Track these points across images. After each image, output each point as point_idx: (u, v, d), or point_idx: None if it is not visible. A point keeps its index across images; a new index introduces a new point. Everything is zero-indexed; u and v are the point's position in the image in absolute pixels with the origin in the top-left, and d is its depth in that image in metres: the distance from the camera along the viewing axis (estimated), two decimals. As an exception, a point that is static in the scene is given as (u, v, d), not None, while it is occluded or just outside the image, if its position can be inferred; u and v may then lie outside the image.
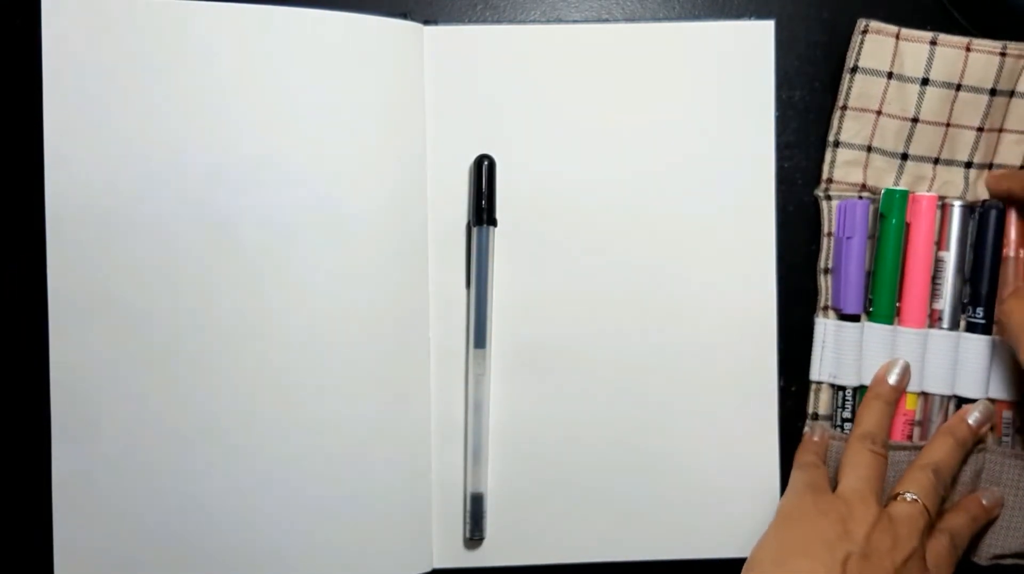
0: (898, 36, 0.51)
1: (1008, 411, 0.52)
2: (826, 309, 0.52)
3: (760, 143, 0.52)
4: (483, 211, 0.51)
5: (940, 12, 0.53)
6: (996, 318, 0.51)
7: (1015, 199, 0.51)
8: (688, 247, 0.52)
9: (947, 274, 0.52)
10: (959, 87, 0.51)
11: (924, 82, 0.51)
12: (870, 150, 0.52)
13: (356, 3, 0.50)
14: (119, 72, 0.48)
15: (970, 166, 0.52)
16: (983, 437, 0.51)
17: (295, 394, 0.49)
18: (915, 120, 0.52)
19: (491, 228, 0.51)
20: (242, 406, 0.49)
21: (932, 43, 0.51)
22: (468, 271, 0.51)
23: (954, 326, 0.52)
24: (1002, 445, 0.52)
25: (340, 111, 0.49)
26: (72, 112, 0.48)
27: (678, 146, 0.52)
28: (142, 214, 0.48)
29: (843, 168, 0.52)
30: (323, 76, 0.49)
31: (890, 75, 0.51)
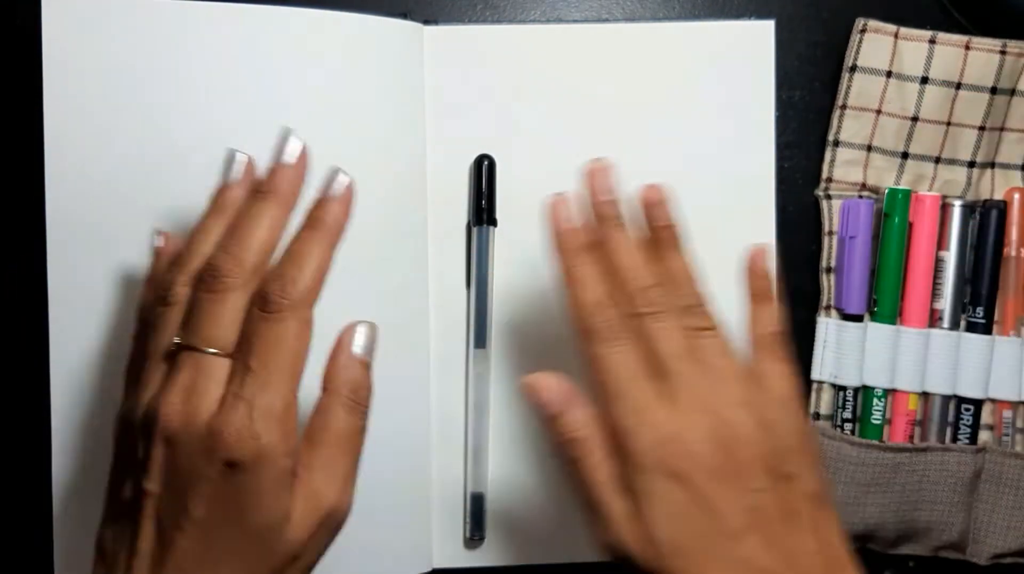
0: (897, 35, 0.51)
1: (1008, 411, 0.52)
2: (828, 308, 0.52)
3: (760, 143, 0.52)
4: (483, 211, 0.51)
5: (940, 12, 0.53)
6: None
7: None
8: (688, 246, 0.52)
9: (948, 274, 0.52)
10: (959, 86, 0.51)
11: (923, 81, 0.51)
12: (870, 149, 0.52)
13: (356, 3, 0.50)
14: (119, 72, 0.48)
15: (972, 165, 0.52)
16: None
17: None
18: (915, 119, 0.52)
19: (491, 228, 0.51)
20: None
21: (931, 42, 0.51)
22: (468, 271, 0.51)
23: (954, 326, 0.52)
24: (1002, 445, 0.52)
25: (340, 111, 0.49)
26: (72, 112, 0.48)
27: (678, 146, 0.52)
28: (142, 214, 0.48)
29: (843, 167, 0.52)
30: (323, 76, 0.49)
31: (889, 74, 0.51)
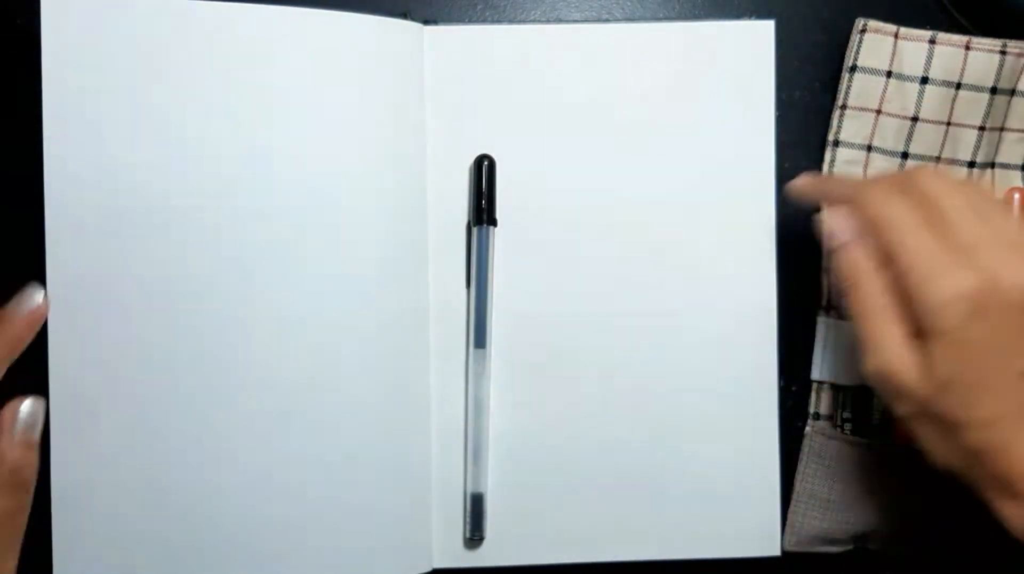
0: (897, 35, 0.51)
1: None
2: (828, 308, 0.52)
3: (760, 143, 0.52)
4: (483, 211, 0.51)
5: (940, 12, 0.53)
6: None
7: (833, 201, 0.45)
8: (688, 246, 0.52)
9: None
10: (959, 86, 0.51)
11: (923, 81, 0.51)
12: (870, 149, 0.52)
13: (356, 3, 0.50)
14: (119, 72, 0.48)
15: (973, 165, 0.52)
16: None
17: (295, 394, 0.49)
18: (915, 119, 0.52)
19: (491, 228, 0.51)
20: (241, 407, 0.49)
21: (931, 42, 0.51)
22: (468, 271, 0.51)
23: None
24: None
25: (340, 111, 0.49)
26: (72, 112, 0.48)
27: (678, 146, 0.52)
28: (142, 214, 0.48)
29: (843, 167, 0.52)
30: (323, 76, 0.49)
31: (889, 74, 0.51)
